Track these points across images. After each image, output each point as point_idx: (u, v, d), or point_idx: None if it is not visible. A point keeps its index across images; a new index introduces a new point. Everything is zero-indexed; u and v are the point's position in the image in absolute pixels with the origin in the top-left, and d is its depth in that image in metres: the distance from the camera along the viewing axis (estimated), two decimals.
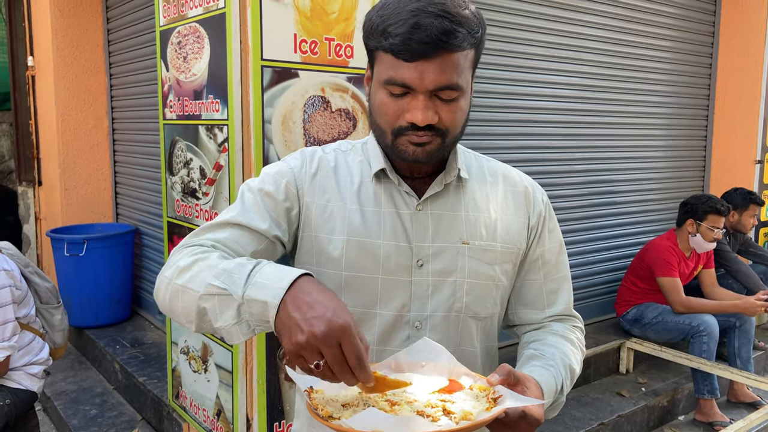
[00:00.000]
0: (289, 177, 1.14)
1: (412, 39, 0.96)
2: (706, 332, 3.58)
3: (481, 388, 0.94)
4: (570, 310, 1.23)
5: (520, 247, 1.17)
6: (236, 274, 0.91)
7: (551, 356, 1.10)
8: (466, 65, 1.02)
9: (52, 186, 4.76)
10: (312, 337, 0.81)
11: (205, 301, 0.92)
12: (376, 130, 1.09)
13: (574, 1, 3.95)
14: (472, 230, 1.12)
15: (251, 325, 0.91)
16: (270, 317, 0.86)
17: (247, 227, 1.08)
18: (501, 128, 3.73)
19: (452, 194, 1.14)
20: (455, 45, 0.97)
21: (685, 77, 4.73)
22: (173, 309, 0.99)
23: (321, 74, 2.36)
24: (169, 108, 2.72)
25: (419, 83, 0.99)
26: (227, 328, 0.91)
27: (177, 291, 0.97)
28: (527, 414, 0.90)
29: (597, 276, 4.38)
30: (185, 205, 2.66)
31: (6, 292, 2.24)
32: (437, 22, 0.96)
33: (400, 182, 1.12)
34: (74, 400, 3.51)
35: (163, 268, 1.03)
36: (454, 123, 1.04)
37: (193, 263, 0.98)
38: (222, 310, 0.91)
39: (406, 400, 0.91)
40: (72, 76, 4.54)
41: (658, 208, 4.74)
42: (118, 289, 4.19)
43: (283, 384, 2.45)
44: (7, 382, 2.37)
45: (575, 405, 3.45)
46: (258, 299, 0.87)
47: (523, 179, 1.23)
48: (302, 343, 0.82)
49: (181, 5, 2.54)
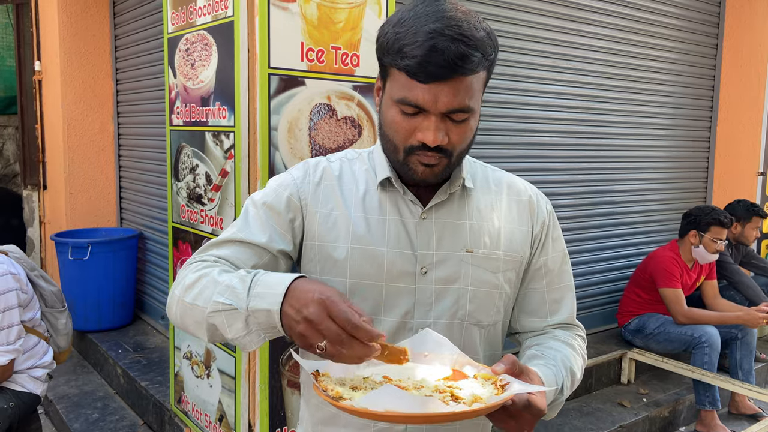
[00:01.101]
0: (292, 188, 1.16)
1: (429, 62, 0.97)
2: (708, 343, 3.58)
3: (485, 377, 0.95)
4: (572, 320, 1.24)
5: (524, 256, 1.18)
6: (238, 288, 0.95)
7: (552, 357, 1.11)
8: (478, 87, 1.03)
9: (57, 190, 4.78)
10: (306, 321, 0.85)
11: (213, 318, 0.96)
12: (387, 144, 1.10)
13: (578, 13, 3.98)
14: (476, 239, 1.14)
15: (261, 333, 0.94)
16: (276, 322, 0.90)
17: (248, 243, 1.11)
18: (503, 137, 3.75)
19: (457, 203, 1.15)
20: (470, 69, 0.98)
21: (688, 89, 4.75)
22: (185, 324, 1.04)
23: (327, 82, 2.38)
24: (175, 114, 2.74)
25: (432, 105, 1.00)
26: (239, 339, 0.95)
27: (186, 308, 1.01)
28: (531, 404, 0.92)
29: (599, 286, 4.38)
30: (190, 211, 2.67)
31: (12, 295, 2.25)
32: (454, 47, 0.96)
33: (405, 191, 1.13)
34: (76, 403, 3.52)
35: (173, 286, 1.07)
36: (462, 143, 1.06)
37: (198, 279, 1.01)
38: (230, 323, 0.95)
39: (414, 385, 0.93)
40: (79, 82, 4.58)
41: (660, 219, 4.75)
42: (121, 294, 4.21)
43: (285, 390, 2.46)
44: (11, 385, 2.38)
45: (576, 415, 3.45)
46: (261, 308, 0.91)
47: (527, 188, 1.24)
48: (302, 331, 0.85)
49: (189, 13, 2.57)
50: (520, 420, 0.93)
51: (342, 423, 1.14)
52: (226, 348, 2.49)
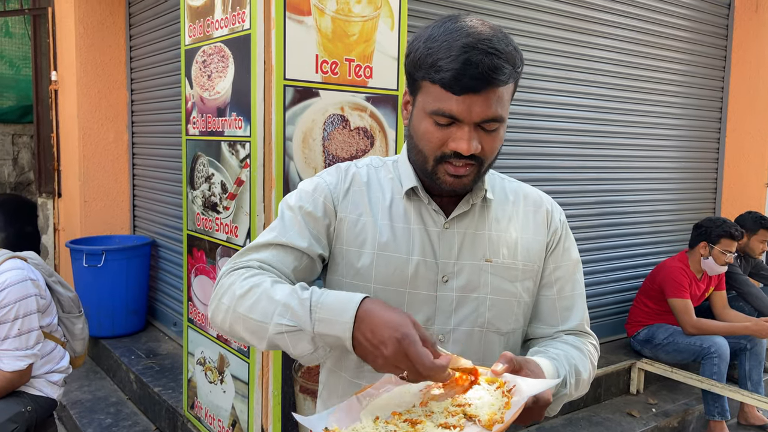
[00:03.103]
0: (326, 193, 1.19)
1: (464, 75, 1.01)
2: (717, 354, 3.58)
3: (489, 380, 0.96)
4: (583, 327, 1.26)
5: (539, 265, 1.22)
6: (299, 311, 0.98)
7: (555, 354, 1.14)
8: (507, 97, 1.08)
9: (71, 198, 4.85)
10: (384, 359, 0.91)
11: (277, 339, 1.00)
12: (417, 154, 1.13)
13: (587, 25, 4.02)
14: (495, 249, 1.18)
15: (328, 348, 0.99)
16: (348, 347, 0.95)
17: (290, 247, 1.14)
18: (512, 147, 3.79)
19: (477, 213, 1.19)
20: (502, 81, 1.03)
21: (697, 100, 4.77)
22: (235, 332, 1.07)
23: (341, 94, 2.43)
24: (192, 124, 2.80)
25: (467, 116, 1.04)
26: (306, 356, 0.99)
27: (238, 318, 1.04)
28: (538, 398, 0.95)
29: (608, 296, 4.40)
30: (206, 219, 2.72)
31: (32, 301, 2.30)
32: (488, 60, 1.01)
33: (429, 201, 1.17)
34: (89, 409, 3.56)
35: (216, 292, 1.10)
36: (493, 152, 1.11)
37: (249, 289, 1.04)
38: (295, 343, 0.99)
39: (424, 413, 0.93)
40: (94, 91, 4.66)
41: (669, 229, 4.76)
42: (134, 300, 4.26)
43: (297, 396, 2.49)
44: (29, 389, 2.42)
45: (585, 425, 3.46)
46: (330, 334, 0.95)
47: (543, 200, 1.28)
48: (382, 365, 0.92)
49: (206, 26, 2.63)
50: (531, 414, 0.97)
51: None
52: (240, 354, 2.53)
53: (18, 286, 2.26)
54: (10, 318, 2.24)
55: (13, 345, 2.26)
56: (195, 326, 2.88)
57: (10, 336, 2.25)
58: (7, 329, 2.24)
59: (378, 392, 0.99)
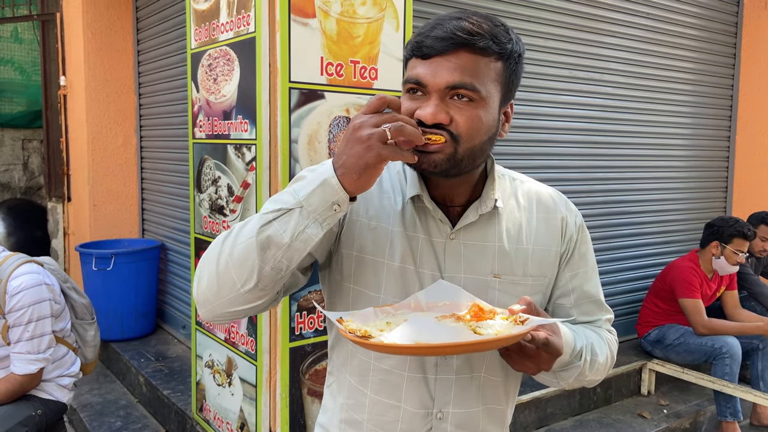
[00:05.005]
0: None
1: (429, 36, 0.99)
2: (729, 354, 3.55)
3: (503, 318, 0.97)
4: (605, 324, 1.22)
5: (552, 276, 1.16)
6: (282, 196, 0.96)
7: (574, 328, 1.12)
8: (487, 73, 1.00)
9: (81, 202, 4.88)
10: (367, 138, 0.89)
11: (264, 231, 0.94)
12: None
13: (597, 24, 4.00)
14: (503, 264, 1.11)
15: (319, 219, 0.93)
16: (334, 185, 0.91)
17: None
18: (520, 147, 3.77)
19: (486, 224, 1.12)
20: (472, 44, 0.97)
21: (707, 98, 4.74)
22: (223, 275, 0.99)
23: (346, 95, 2.43)
24: (198, 128, 2.80)
25: (431, 79, 0.98)
26: (298, 237, 0.93)
27: (227, 253, 0.98)
28: (549, 343, 0.94)
29: (618, 296, 4.37)
30: (213, 222, 2.73)
31: (46, 305, 2.32)
32: (455, 21, 0.99)
33: (434, 208, 1.10)
34: (99, 412, 3.58)
35: (201, 261, 1.05)
36: (469, 128, 0.99)
37: (232, 230, 1.00)
38: (285, 226, 0.93)
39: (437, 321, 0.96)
40: (103, 96, 4.68)
41: (679, 229, 4.72)
42: (143, 303, 4.27)
43: (305, 398, 2.49)
44: (39, 393, 2.43)
45: (596, 426, 3.44)
46: (314, 188, 0.92)
47: (557, 204, 1.20)
48: (361, 150, 0.89)
49: (212, 30, 2.63)
50: (538, 360, 0.96)
51: (366, 430, 1.15)
52: (248, 357, 2.53)
53: (33, 290, 2.28)
54: (23, 321, 2.26)
55: (25, 348, 2.28)
56: (203, 329, 2.89)
57: (23, 339, 2.27)
58: (20, 332, 2.27)
59: (396, 312, 1.00)
